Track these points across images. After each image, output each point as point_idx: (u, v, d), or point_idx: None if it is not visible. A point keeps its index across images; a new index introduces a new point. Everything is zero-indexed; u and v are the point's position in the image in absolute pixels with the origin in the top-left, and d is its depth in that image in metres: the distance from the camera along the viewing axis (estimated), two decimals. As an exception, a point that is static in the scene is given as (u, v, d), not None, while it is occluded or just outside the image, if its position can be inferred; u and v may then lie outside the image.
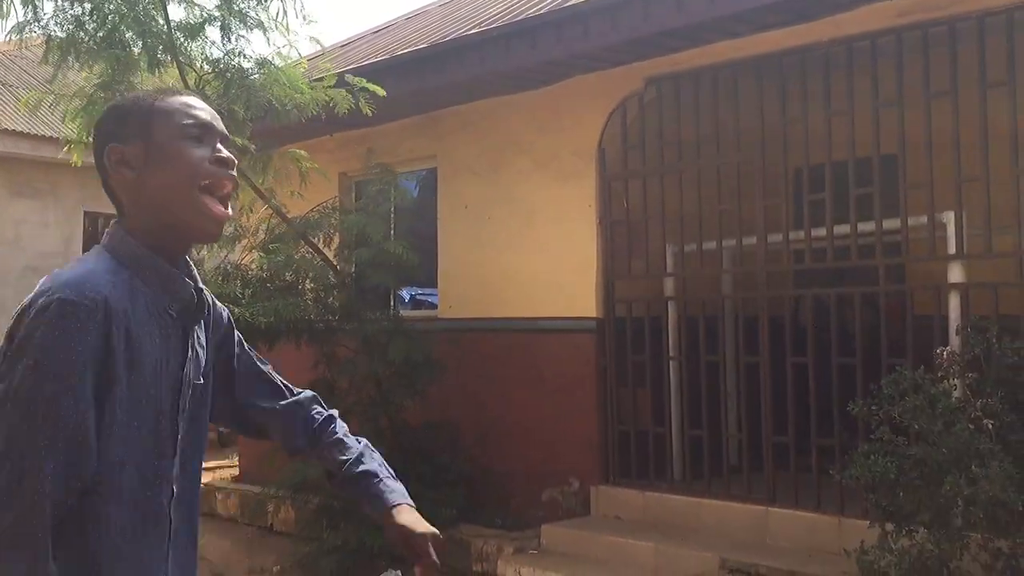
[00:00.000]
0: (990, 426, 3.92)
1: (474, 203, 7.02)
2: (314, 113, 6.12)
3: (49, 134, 10.86)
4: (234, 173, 1.59)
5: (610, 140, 6.29)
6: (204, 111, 1.60)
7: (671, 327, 6.12)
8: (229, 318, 1.80)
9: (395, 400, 6.46)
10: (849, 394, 4.72)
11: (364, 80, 6.10)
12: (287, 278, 6.54)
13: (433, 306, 7.52)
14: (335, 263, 6.68)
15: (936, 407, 4.01)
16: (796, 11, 5.13)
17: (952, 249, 4.97)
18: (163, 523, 1.55)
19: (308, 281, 6.60)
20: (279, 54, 6.21)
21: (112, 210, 1.68)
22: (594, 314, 6.23)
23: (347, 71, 6.77)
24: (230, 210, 1.59)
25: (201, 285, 1.63)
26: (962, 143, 4.90)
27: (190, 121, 1.57)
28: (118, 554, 1.47)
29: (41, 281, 1.48)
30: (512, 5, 6.70)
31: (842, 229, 5.37)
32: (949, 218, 4.97)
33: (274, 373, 1.91)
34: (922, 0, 4.92)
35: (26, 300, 1.45)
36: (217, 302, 1.76)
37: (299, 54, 6.71)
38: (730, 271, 6.13)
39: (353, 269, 7.01)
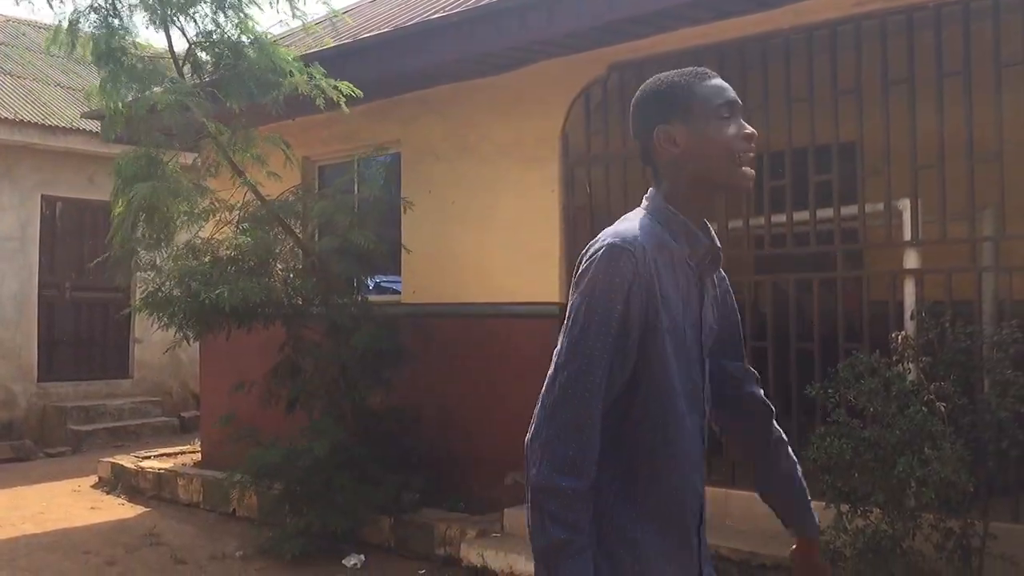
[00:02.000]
0: (943, 409, 4.01)
1: (438, 188, 7.01)
2: (305, 94, 6.08)
3: (6, 116, 10.65)
4: (754, 146, 1.87)
5: (573, 126, 6.30)
6: (730, 91, 1.88)
7: (633, 312, 6.15)
8: (725, 279, 2.09)
9: (359, 385, 6.46)
10: (807, 378, 4.80)
11: (350, 87, 6.07)
12: (257, 258, 6.48)
13: (397, 292, 7.51)
14: (306, 246, 6.66)
15: (891, 390, 4.10)
16: (757, -1, 5.18)
17: (907, 236, 5.06)
18: (699, 440, 1.88)
19: (277, 263, 6.57)
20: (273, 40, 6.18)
21: (70, 194, 1.70)
22: (557, 299, 6.26)
23: (310, 54, 6.73)
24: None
25: (718, 244, 1.93)
26: (918, 131, 4.98)
27: (722, 102, 1.85)
28: (672, 468, 1.82)
29: (600, 236, 1.82)
30: (476, -10, 6.69)
31: (801, 215, 5.43)
32: (905, 205, 5.05)
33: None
34: (881, -11, 4.98)
35: (587, 249, 1.80)
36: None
37: (303, 24, 6.66)
38: (692, 257, 6.17)
39: (316, 252, 6.97)
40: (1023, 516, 4.49)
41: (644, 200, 1.93)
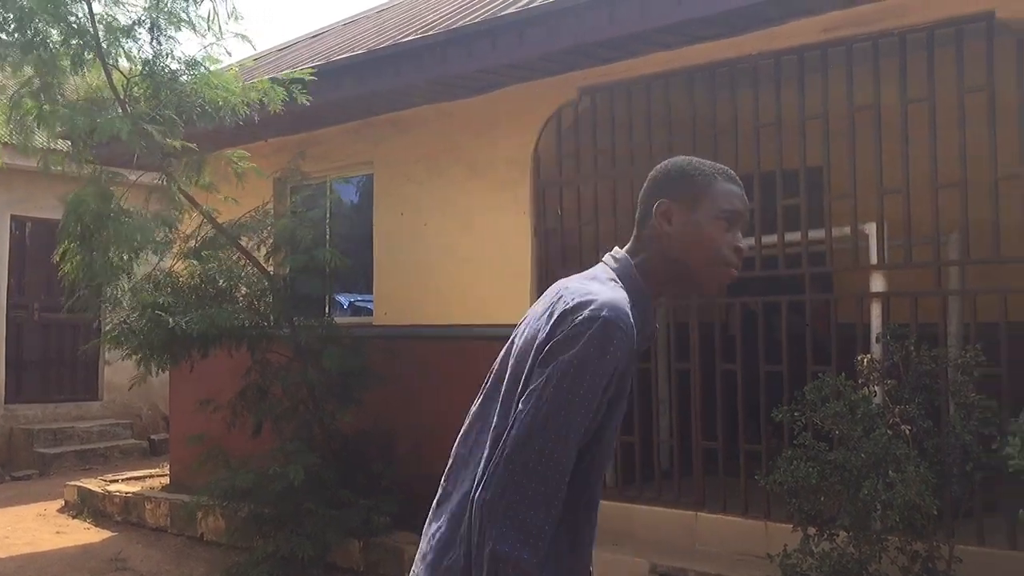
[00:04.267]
0: (907, 432, 4.03)
1: (410, 210, 7.01)
2: (245, 114, 6.06)
3: (-25, 134, 10.54)
4: (740, 262, 1.86)
5: (545, 149, 6.33)
6: (744, 202, 1.86)
7: (604, 334, 6.15)
8: None
9: (329, 408, 6.41)
10: (776, 400, 4.81)
11: (293, 73, 6.06)
12: (220, 285, 6.46)
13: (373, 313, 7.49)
14: (268, 268, 6.62)
15: (856, 413, 4.11)
16: (726, 24, 5.22)
17: (874, 259, 5.11)
18: (598, 501, 1.86)
19: (241, 287, 6.53)
20: (210, 58, 6.14)
21: (41, 214, 1.69)
22: (529, 321, 6.25)
23: (282, 76, 6.72)
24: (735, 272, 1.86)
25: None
26: (884, 156, 5.03)
27: (730, 207, 1.83)
28: (587, 520, 1.81)
29: (568, 290, 1.75)
30: (449, 13, 6.72)
31: (770, 239, 5.47)
32: (871, 229, 5.10)
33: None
34: (847, 16, 5.04)
35: (563, 306, 1.71)
36: None
37: (228, 53, 6.68)
38: (663, 279, 6.19)
39: (287, 273, 6.94)
40: (989, 539, 4.52)
41: (612, 260, 1.89)
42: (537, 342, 1.73)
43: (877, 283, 5.10)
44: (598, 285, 1.77)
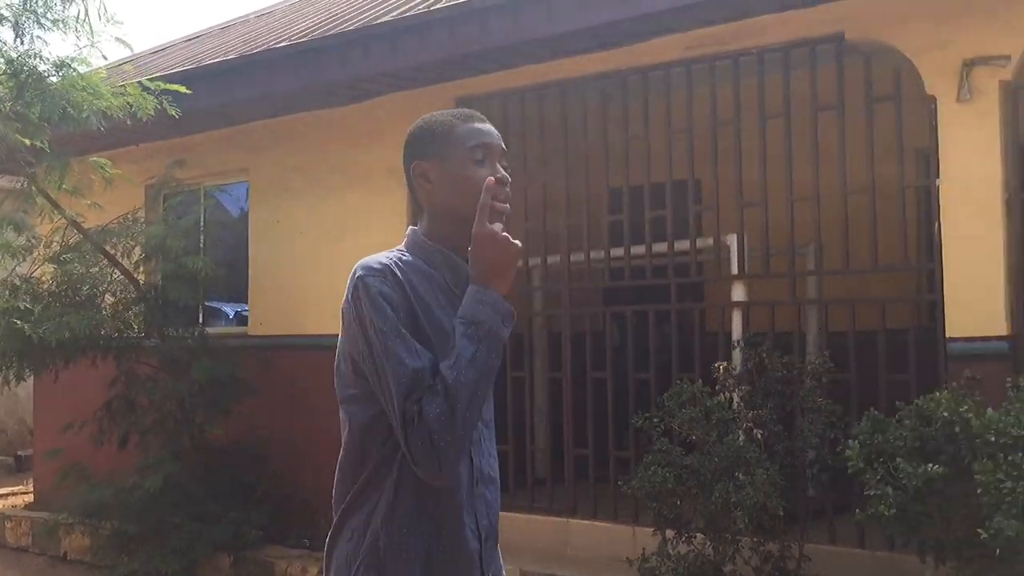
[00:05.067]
0: (759, 436, 4.18)
1: (286, 218, 6.91)
2: (117, 117, 5.88)
3: None
4: (508, 190, 1.90)
5: (421, 158, 6.32)
6: (488, 135, 1.94)
7: (480, 343, 6.18)
8: None
9: (198, 419, 6.26)
10: (645, 407, 4.92)
11: (164, 83, 5.89)
12: (84, 292, 6.25)
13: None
14: (136, 276, 6.42)
15: (712, 419, 4.24)
16: (596, 38, 5.33)
17: (735, 269, 5.28)
18: (471, 461, 1.96)
19: (107, 295, 6.32)
20: (81, 59, 5.94)
21: None
22: (404, 331, 6.23)
23: (156, 78, 6.55)
24: (507, 206, 1.89)
25: None
26: (744, 171, 5.21)
27: (475, 144, 1.91)
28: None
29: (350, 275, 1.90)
30: (324, 20, 6.67)
31: (639, 249, 5.60)
32: (732, 240, 5.28)
33: None
34: (709, 34, 5.20)
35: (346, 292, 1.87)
36: None
37: (104, 57, 6.47)
38: (540, 288, 6.27)
39: (159, 282, 6.76)
40: (839, 537, 4.71)
41: (405, 237, 1.98)
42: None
43: (738, 292, 5.28)
44: (366, 259, 1.90)
